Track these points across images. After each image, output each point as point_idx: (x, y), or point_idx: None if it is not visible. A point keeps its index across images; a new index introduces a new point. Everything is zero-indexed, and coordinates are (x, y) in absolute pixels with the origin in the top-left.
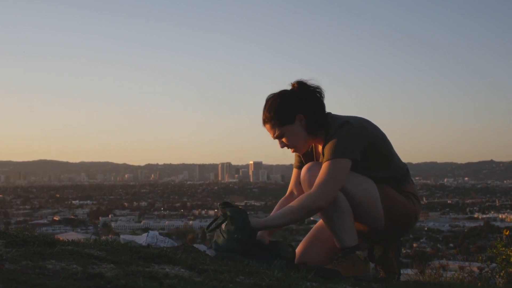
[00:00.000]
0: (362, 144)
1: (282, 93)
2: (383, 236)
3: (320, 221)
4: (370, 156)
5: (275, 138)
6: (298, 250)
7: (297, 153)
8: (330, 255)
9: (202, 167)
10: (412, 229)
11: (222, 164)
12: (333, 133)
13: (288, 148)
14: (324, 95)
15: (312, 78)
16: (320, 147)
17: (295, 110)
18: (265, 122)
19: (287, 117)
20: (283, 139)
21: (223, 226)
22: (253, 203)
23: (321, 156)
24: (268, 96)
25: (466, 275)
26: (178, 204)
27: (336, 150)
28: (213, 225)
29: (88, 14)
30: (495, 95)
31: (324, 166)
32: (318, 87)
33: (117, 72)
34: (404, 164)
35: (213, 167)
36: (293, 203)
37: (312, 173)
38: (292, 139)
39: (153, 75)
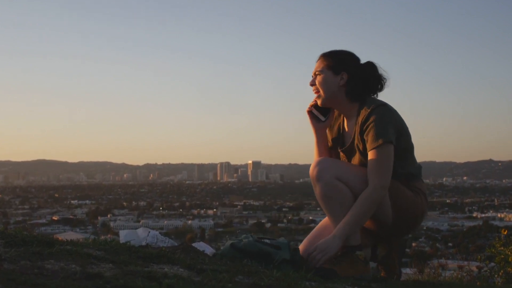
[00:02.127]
0: (395, 129)
1: (351, 53)
2: (390, 232)
3: (324, 220)
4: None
5: (314, 72)
6: (300, 247)
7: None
8: None
9: (201, 166)
10: (419, 226)
11: (221, 163)
12: (370, 112)
13: (313, 91)
14: (383, 86)
15: (387, 69)
16: (346, 126)
17: (345, 67)
18: (319, 57)
19: (335, 66)
20: (317, 78)
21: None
22: (252, 203)
23: (352, 137)
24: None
25: (465, 274)
26: (177, 204)
27: (379, 135)
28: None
29: (87, 15)
30: (494, 94)
31: (372, 155)
32: (383, 78)
33: (116, 72)
34: (419, 165)
35: (212, 167)
36: (358, 205)
37: (320, 168)
38: (324, 84)
39: (152, 75)
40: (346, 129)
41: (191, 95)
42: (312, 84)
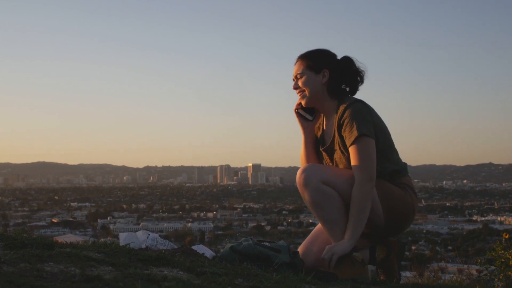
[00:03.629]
0: (372, 124)
1: (327, 50)
2: (384, 232)
3: None
4: None
5: (294, 76)
6: (299, 250)
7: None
8: None
9: (201, 169)
10: (411, 222)
11: (221, 166)
12: (345, 108)
13: (298, 93)
14: (362, 79)
15: (363, 62)
16: (326, 125)
17: (325, 65)
18: (296, 60)
19: (316, 65)
20: (300, 81)
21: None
22: (251, 205)
23: (332, 136)
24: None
25: (464, 277)
26: (176, 206)
27: (355, 129)
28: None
29: (89, 18)
30: (494, 97)
31: (352, 150)
32: (360, 71)
33: (115, 75)
34: (403, 162)
35: (211, 170)
36: (353, 206)
37: (306, 174)
38: (307, 84)
39: (152, 78)
40: (326, 128)
41: (191, 97)
42: (296, 87)
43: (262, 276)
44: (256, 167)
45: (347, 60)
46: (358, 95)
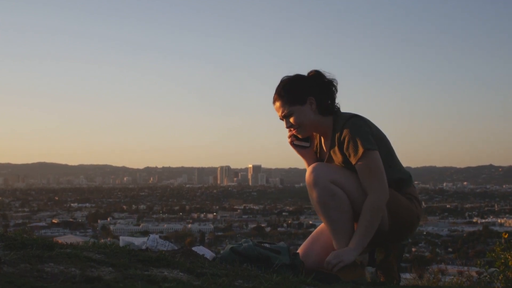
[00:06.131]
0: (372, 135)
1: (297, 75)
2: (386, 238)
3: (322, 224)
4: None
5: (282, 116)
6: (299, 252)
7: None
8: None
9: (201, 170)
10: (415, 231)
11: (221, 167)
12: (342, 127)
13: (293, 128)
14: (337, 88)
15: (330, 72)
16: (324, 144)
17: (307, 92)
18: (275, 100)
19: (299, 98)
20: (290, 119)
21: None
22: (252, 207)
23: (328, 154)
24: (283, 77)
25: (464, 279)
26: (177, 207)
27: (358, 146)
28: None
29: (89, 18)
30: (495, 99)
31: (360, 167)
32: (333, 80)
33: (115, 75)
34: (407, 171)
35: (212, 171)
36: (365, 216)
37: (316, 173)
38: (301, 119)
39: (152, 78)
40: (324, 148)
41: (191, 97)
42: (289, 126)
43: (262, 278)
44: (256, 168)
45: (319, 75)
46: (356, 97)
